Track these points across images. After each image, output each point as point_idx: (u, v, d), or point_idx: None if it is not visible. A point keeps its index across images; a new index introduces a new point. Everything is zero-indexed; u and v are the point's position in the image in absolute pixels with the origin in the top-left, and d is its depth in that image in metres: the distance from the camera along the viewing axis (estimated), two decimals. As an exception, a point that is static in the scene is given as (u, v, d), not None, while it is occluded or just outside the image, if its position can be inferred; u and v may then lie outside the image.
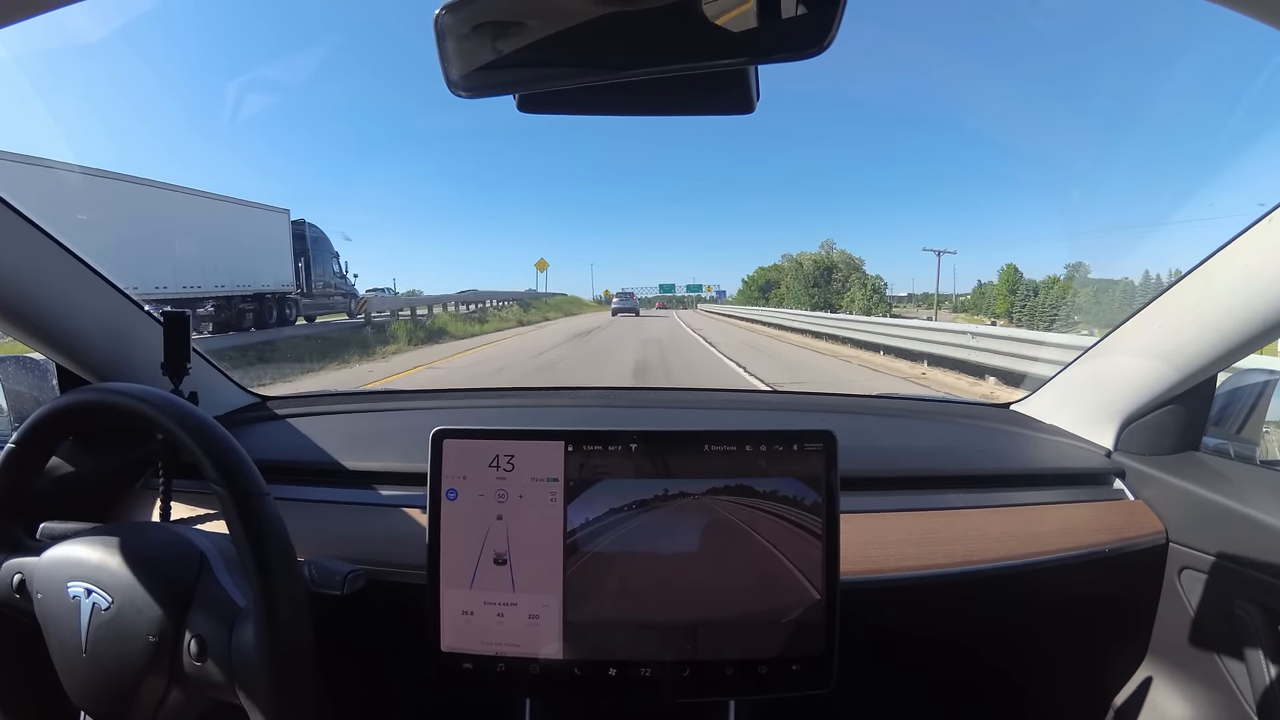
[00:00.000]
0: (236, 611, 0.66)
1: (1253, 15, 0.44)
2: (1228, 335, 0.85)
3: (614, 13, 0.49)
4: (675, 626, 0.70)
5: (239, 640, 0.64)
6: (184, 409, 0.68)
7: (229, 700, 0.65)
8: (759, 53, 0.51)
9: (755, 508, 0.70)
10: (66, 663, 0.68)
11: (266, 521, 0.64)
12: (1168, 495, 0.96)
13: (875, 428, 1.26)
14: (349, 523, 0.94)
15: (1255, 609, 0.84)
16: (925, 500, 0.98)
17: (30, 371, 1.15)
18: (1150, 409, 1.01)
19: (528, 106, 0.59)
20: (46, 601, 0.70)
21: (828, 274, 47.46)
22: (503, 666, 0.70)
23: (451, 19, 0.52)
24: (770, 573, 0.70)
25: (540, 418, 1.34)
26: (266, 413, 1.27)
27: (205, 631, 0.65)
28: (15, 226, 0.85)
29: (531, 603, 0.70)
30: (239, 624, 0.65)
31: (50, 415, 0.73)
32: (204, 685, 0.66)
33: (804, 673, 0.70)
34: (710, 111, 0.64)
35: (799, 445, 0.71)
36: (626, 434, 0.71)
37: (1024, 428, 1.20)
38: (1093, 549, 0.92)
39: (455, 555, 0.71)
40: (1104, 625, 1.02)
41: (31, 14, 0.53)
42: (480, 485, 0.71)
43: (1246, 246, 0.80)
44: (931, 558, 0.88)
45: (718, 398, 1.58)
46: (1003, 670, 1.08)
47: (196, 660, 0.65)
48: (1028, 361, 7.63)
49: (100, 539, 0.71)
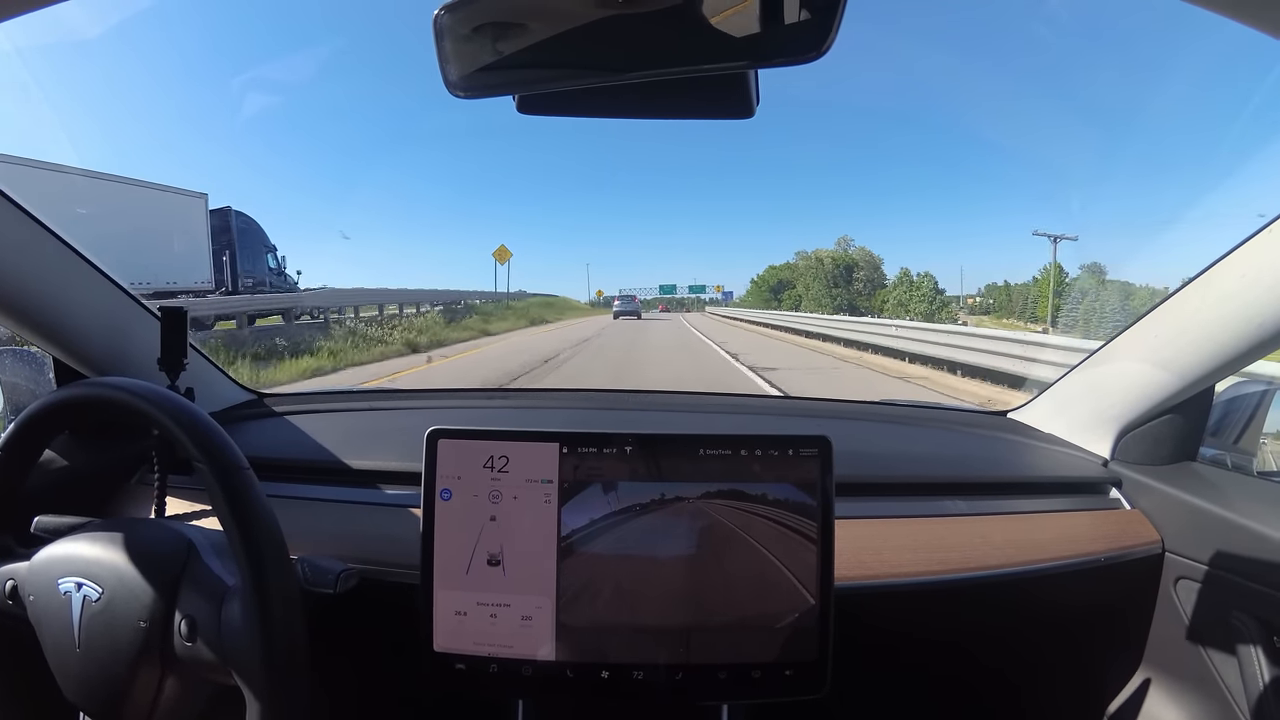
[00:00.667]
0: (225, 589, 0.66)
1: (1251, 24, 0.43)
2: (1225, 346, 0.85)
3: (614, 15, 0.49)
4: (669, 630, 0.70)
5: (228, 617, 0.65)
6: (177, 404, 0.68)
7: (224, 681, 0.66)
8: (759, 57, 0.51)
9: (750, 512, 0.70)
10: (61, 660, 0.68)
11: (249, 495, 0.65)
12: (1164, 505, 0.96)
13: (872, 434, 1.26)
14: (343, 521, 0.93)
15: (1251, 620, 0.83)
16: (921, 507, 0.98)
17: (28, 364, 1.15)
18: (1148, 418, 1.01)
19: (527, 108, 0.59)
20: (39, 602, 0.70)
21: (848, 272, 44.01)
22: (495, 667, 0.70)
23: (451, 19, 0.52)
24: (764, 577, 0.70)
25: (536, 419, 1.34)
26: (263, 410, 1.27)
27: (194, 610, 0.66)
28: (15, 220, 0.84)
29: (525, 604, 0.70)
30: (227, 601, 0.65)
31: (42, 411, 0.72)
32: (197, 667, 0.66)
33: (797, 678, 0.70)
34: (710, 115, 0.64)
35: (794, 450, 0.71)
36: (621, 436, 0.71)
37: (1021, 435, 1.19)
38: (1089, 558, 0.92)
39: (449, 555, 0.71)
40: (1100, 634, 1.01)
41: (30, 9, 0.53)
42: (475, 486, 0.71)
43: (1246, 257, 0.80)
44: (927, 564, 0.88)
45: (713, 401, 1.58)
46: (998, 678, 1.08)
47: (187, 641, 0.65)
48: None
49: (90, 534, 0.71)
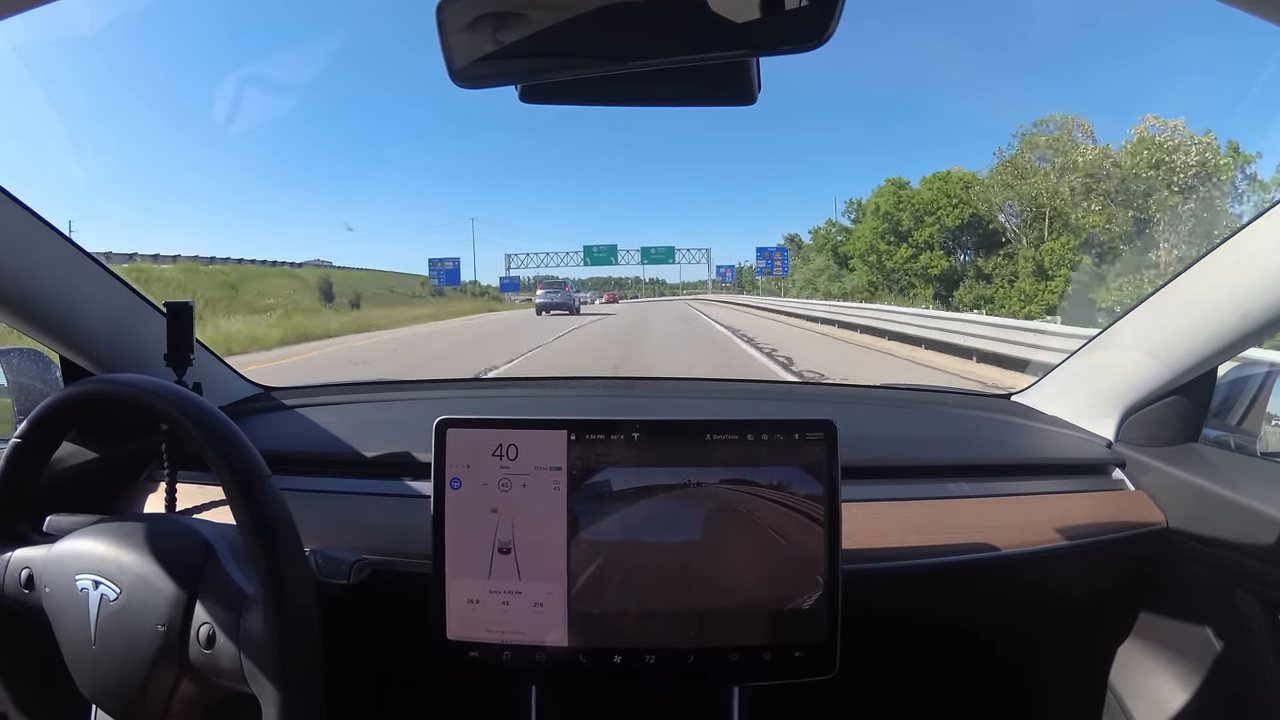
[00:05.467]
0: (244, 599, 0.66)
1: (1254, 12, 0.43)
2: (1229, 328, 0.85)
3: (616, 4, 0.49)
4: (679, 614, 0.71)
5: (247, 628, 0.65)
6: (187, 398, 0.68)
7: (240, 688, 0.66)
8: (761, 44, 0.51)
9: (757, 496, 0.71)
10: (76, 655, 0.69)
11: (271, 507, 0.64)
12: (1168, 486, 0.96)
13: (877, 417, 1.26)
14: (354, 513, 0.94)
15: (1254, 599, 0.84)
16: (927, 489, 0.98)
17: (35, 363, 1.15)
18: (1151, 400, 1.02)
19: (530, 97, 0.59)
20: (55, 595, 0.70)
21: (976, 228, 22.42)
22: (509, 655, 0.71)
23: (454, 10, 0.52)
24: (772, 561, 0.71)
25: (543, 407, 1.35)
26: (271, 403, 1.28)
27: (212, 619, 0.66)
28: (17, 218, 0.85)
29: (536, 591, 0.71)
30: (246, 612, 0.65)
31: (54, 408, 0.73)
32: (213, 674, 0.66)
33: (807, 659, 0.71)
34: (712, 102, 0.64)
35: (800, 434, 0.71)
36: (629, 423, 0.72)
37: (1025, 418, 1.20)
38: (1093, 538, 0.92)
39: (460, 544, 0.72)
40: (1104, 614, 1.02)
41: (31, 6, 0.53)
42: (484, 474, 0.71)
43: (1248, 240, 0.80)
44: (933, 547, 0.89)
45: (720, 387, 1.58)
46: (1002, 658, 1.09)
47: (205, 649, 0.65)
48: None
49: (107, 531, 0.72)
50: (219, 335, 12.46)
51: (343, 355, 11.94)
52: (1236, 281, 0.82)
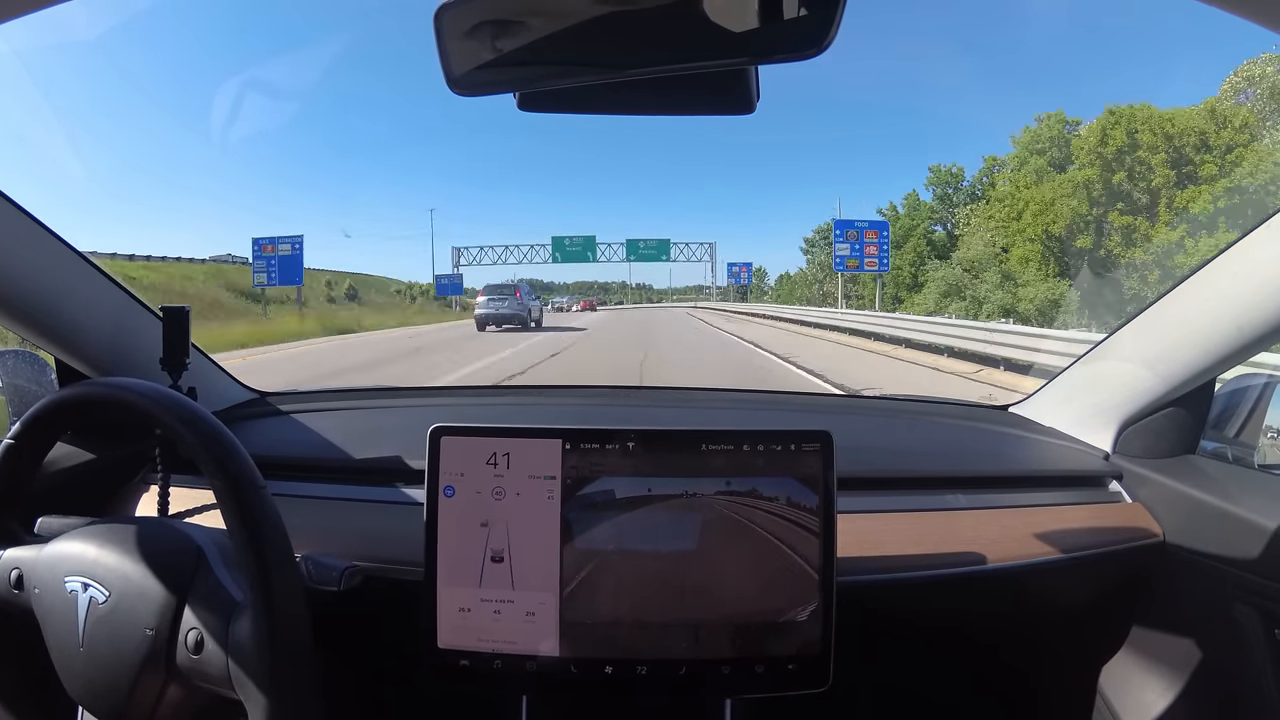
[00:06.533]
0: (233, 606, 0.66)
1: (1245, 16, 0.43)
2: (1227, 339, 0.85)
3: (615, 12, 0.49)
4: (671, 625, 0.70)
5: (235, 634, 0.64)
6: (181, 403, 0.68)
7: (227, 694, 0.65)
8: (759, 53, 0.51)
9: (752, 507, 0.70)
10: (64, 657, 0.68)
11: (264, 515, 0.64)
12: (1165, 498, 0.96)
13: (873, 429, 1.26)
14: (346, 519, 0.94)
15: (1252, 612, 0.84)
16: (923, 501, 0.98)
17: (30, 365, 1.15)
18: (1148, 412, 1.02)
19: (528, 105, 0.59)
20: (44, 596, 0.70)
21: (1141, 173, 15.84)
22: (499, 664, 0.71)
23: (451, 17, 0.52)
24: (767, 572, 0.70)
25: (538, 415, 1.34)
26: (266, 408, 1.27)
27: (202, 625, 0.65)
28: (14, 220, 0.85)
29: (528, 600, 0.70)
30: (235, 618, 0.65)
31: (48, 410, 0.73)
32: (200, 679, 0.66)
33: (800, 672, 0.71)
34: (711, 111, 0.64)
35: (796, 445, 0.71)
36: (624, 433, 0.71)
37: (1022, 430, 1.20)
38: (1090, 550, 0.92)
39: (452, 552, 0.71)
40: (1099, 626, 1.02)
41: (31, 9, 0.53)
42: (477, 482, 0.71)
43: (1246, 251, 0.80)
44: (929, 558, 0.88)
45: (716, 397, 1.58)
46: (1000, 670, 1.08)
47: (193, 654, 0.65)
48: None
49: (98, 533, 0.71)
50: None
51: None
52: (1235, 292, 0.82)
